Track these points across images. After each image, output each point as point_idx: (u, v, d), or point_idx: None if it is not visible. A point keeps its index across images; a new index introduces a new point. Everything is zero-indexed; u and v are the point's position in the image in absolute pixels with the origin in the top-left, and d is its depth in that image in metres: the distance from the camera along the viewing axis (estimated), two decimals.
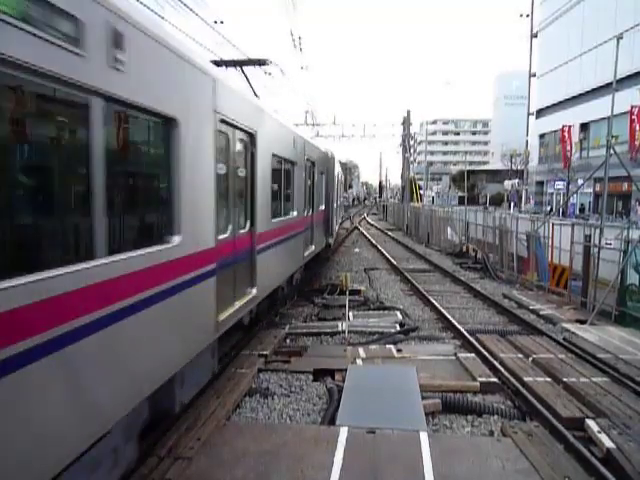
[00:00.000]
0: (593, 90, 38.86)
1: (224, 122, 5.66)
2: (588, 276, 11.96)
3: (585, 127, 42.61)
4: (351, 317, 10.45)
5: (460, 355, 8.18)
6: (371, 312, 11.36)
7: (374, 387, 6.77)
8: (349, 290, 10.36)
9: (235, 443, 5.19)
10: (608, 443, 5.26)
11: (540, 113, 52.07)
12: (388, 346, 8.64)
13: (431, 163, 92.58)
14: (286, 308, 11.43)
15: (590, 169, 24.50)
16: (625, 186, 32.71)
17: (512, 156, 63.55)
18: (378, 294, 13.34)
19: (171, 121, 4.35)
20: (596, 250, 11.75)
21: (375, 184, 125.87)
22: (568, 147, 38.74)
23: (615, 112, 17.17)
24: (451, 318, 10.37)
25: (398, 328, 9.84)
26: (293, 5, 24.09)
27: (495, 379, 7.21)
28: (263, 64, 9.77)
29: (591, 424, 5.69)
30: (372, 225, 44.55)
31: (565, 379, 7.06)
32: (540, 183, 51.20)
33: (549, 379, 7.18)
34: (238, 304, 6.36)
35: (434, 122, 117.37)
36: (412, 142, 50.25)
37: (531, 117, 53.57)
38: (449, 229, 25.77)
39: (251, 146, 6.88)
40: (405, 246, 26.29)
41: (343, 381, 6.95)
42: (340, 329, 9.55)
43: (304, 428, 5.76)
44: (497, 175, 71.12)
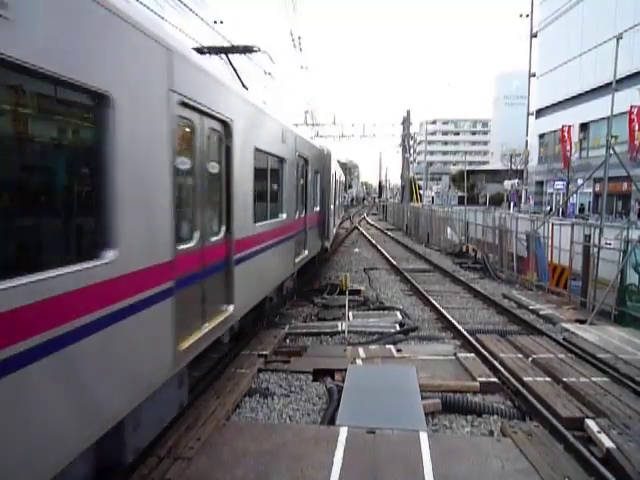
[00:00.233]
0: (593, 90, 38.90)
1: (186, 106, 4.67)
2: (588, 276, 11.96)
3: (585, 127, 42.67)
4: (351, 317, 10.45)
5: (460, 355, 8.19)
6: (371, 312, 11.36)
7: (374, 387, 6.77)
8: (349, 290, 10.37)
9: (235, 443, 5.19)
10: (608, 443, 5.26)
11: (540, 113, 52.13)
12: (388, 346, 8.65)
13: (431, 163, 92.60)
14: (286, 308, 11.44)
15: (590, 169, 24.50)
16: (625, 186, 32.75)
17: (512, 156, 63.61)
18: (378, 294, 13.35)
19: (101, 99, 3.34)
20: (596, 250, 11.76)
21: (375, 184, 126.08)
22: (568, 147, 38.73)
23: (615, 112, 17.21)
24: (451, 318, 10.38)
25: (398, 328, 9.84)
26: (293, 5, 24.09)
27: (495, 379, 7.21)
28: (250, 51, 8.99)
29: (591, 424, 5.69)
30: (372, 225, 44.54)
31: (565, 379, 7.06)
32: (540, 183, 51.25)
33: (549, 379, 7.18)
34: (209, 326, 5.36)
35: (434, 122, 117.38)
36: (412, 142, 50.35)
37: (531, 117, 53.66)
38: (449, 229, 25.77)
39: (226, 138, 5.89)
40: (405, 246, 26.30)
41: (343, 381, 6.95)
42: (340, 329, 9.55)
43: (304, 428, 5.76)
44: (497, 175, 71.21)
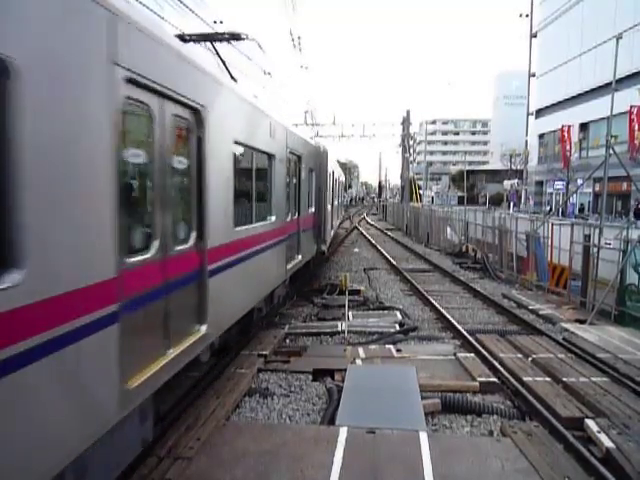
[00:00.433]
0: (592, 90, 38.89)
1: (137, 85, 3.83)
2: (587, 276, 11.97)
3: (584, 127, 42.67)
4: (350, 317, 10.45)
5: (460, 355, 8.19)
6: (371, 312, 11.36)
7: (374, 387, 6.77)
8: (348, 290, 10.37)
9: (235, 443, 5.19)
10: (607, 443, 5.26)
11: (539, 113, 52.12)
12: (388, 346, 8.64)
13: (431, 163, 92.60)
14: (285, 308, 11.44)
15: (589, 169, 24.50)
16: (625, 186, 32.73)
17: (511, 156, 63.66)
18: (377, 294, 13.35)
19: None
20: (595, 250, 11.77)
21: (374, 184, 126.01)
22: (567, 147, 38.70)
23: (614, 112, 17.22)
24: (450, 318, 10.38)
25: (398, 328, 9.84)
26: (293, 5, 24.08)
27: (495, 379, 7.21)
28: (237, 39, 8.30)
29: (590, 424, 5.69)
30: (372, 225, 44.55)
31: (564, 379, 7.06)
32: (539, 183, 51.25)
33: (548, 379, 7.18)
34: (175, 352, 4.48)
35: (434, 122, 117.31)
36: (412, 142, 50.36)
37: (530, 117, 53.63)
38: (448, 229, 25.79)
39: (197, 127, 5.00)
40: (404, 246, 26.30)
41: (343, 381, 6.95)
42: (340, 329, 9.55)
43: (304, 428, 5.77)
44: (497, 175, 71.22)
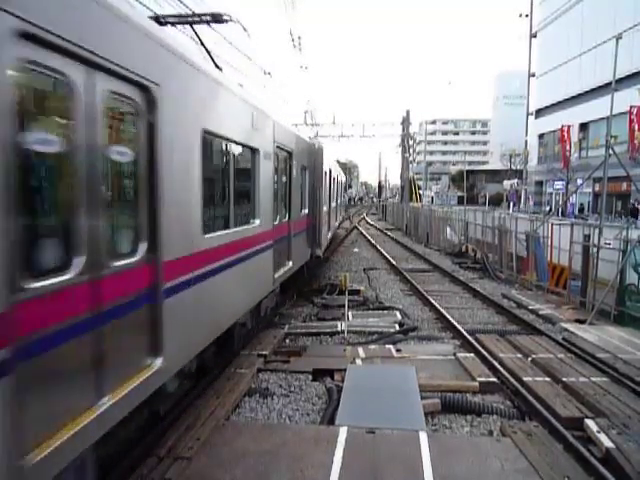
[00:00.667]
0: (592, 90, 38.89)
1: (45, 44, 2.90)
2: (587, 276, 11.97)
3: (584, 127, 42.67)
4: (350, 317, 10.45)
5: (459, 355, 8.19)
6: (370, 312, 11.36)
7: (373, 387, 6.77)
8: (348, 290, 10.37)
9: (235, 443, 5.19)
10: (607, 443, 5.26)
11: (539, 113, 52.11)
12: (387, 346, 8.64)
13: (430, 163, 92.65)
14: (285, 308, 11.45)
15: (589, 169, 24.50)
16: (624, 186, 32.75)
17: (511, 156, 63.71)
18: (377, 294, 13.34)
19: None
20: (595, 250, 11.77)
21: (374, 184, 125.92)
22: (567, 147, 38.70)
23: (614, 112, 17.22)
24: (450, 318, 10.38)
25: (397, 328, 9.85)
26: (292, 5, 24.06)
27: (494, 379, 7.21)
28: (219, 21, 7.64)
29: (590, 424, 5.70)
30: (371, 225, 44.54)
31: (564, 379, 7.06)
32: (539, 183, 51.25)
33: (548, 379, 7.18)
34: (109, 401, 3.50)
35: (433, 122, 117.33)
36: (411, 142, 50.33)
37: (530, 117, 53.58)
38: (448, 229, 25.79)
39: (149, 111, 4.13)
40: (404, 246, 26.30)
41: (342, 381, 6.95)
42: (339, 329, 9.55)
43: (303, 428, 5.77)
44: (496, 175, 71.23)
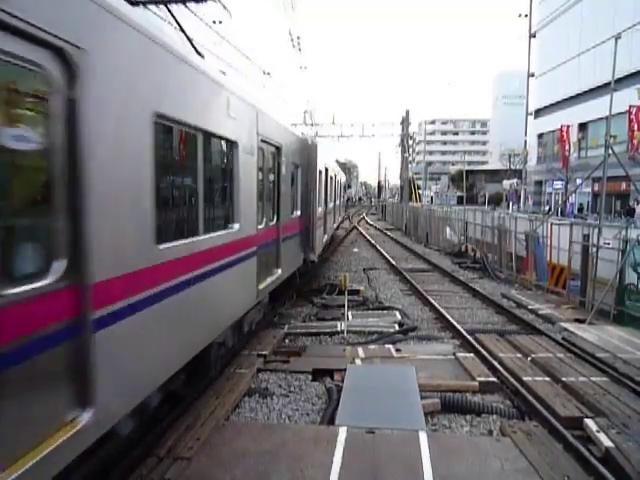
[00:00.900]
0: (591, 90, 38.91)
1: None
2: (587, 276, 11.97)
3: (583, 127, 42.69)
4: (350, 317, 10.45)
5: (459, 355, 8.19)
6: (370, 312, 11.36)
7: (373, 387, 6.77)
8: (348, 290, 10.36)
9: (234, 443, 5.18)
10: (607, 442, 5.26)
11: (539, 113, 52.11)
12: (387, 346, 8.64)
13: (430, 163, 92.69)
14: (285, 308, 11.45)
15: (588, 169, 24.54)
16: (623, 186, 32.80)
17: (511, 156, 63.76)
18: (377, 294, 13.34)
19: None
20: (595, 250, 11.77)
21: (374, 184, 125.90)
22: (566, 147, 38.72)
23: (613, 112, 17.21)
24: (450, 318, 10.38)
25: (397, 328, 9.84)
26: (292, 5, 24.02)
27: (494, 379, 7.21)
28: (197, 0, 6.82)
29: (590, 423, 5.69)
30: (371, 225, 44.53)
31: (564, 378, 7.06)
32: (539, 183, 51.27)
33: (548, 378, 7.18)
34: (12, 476, 2.69)
35: (433, 122, 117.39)
36: (411, 142, 50.39)
37: (530, 117, 53.58)
38: (448, 229, 25.79)
39: (68, 84, 3.12)
40: (404, 246, 26.30)
41: (342, 381, 6.95)
42: (339, 329, 9.55)
43: (303, 428, 5.76)
44: (496, 175, 71.29)
